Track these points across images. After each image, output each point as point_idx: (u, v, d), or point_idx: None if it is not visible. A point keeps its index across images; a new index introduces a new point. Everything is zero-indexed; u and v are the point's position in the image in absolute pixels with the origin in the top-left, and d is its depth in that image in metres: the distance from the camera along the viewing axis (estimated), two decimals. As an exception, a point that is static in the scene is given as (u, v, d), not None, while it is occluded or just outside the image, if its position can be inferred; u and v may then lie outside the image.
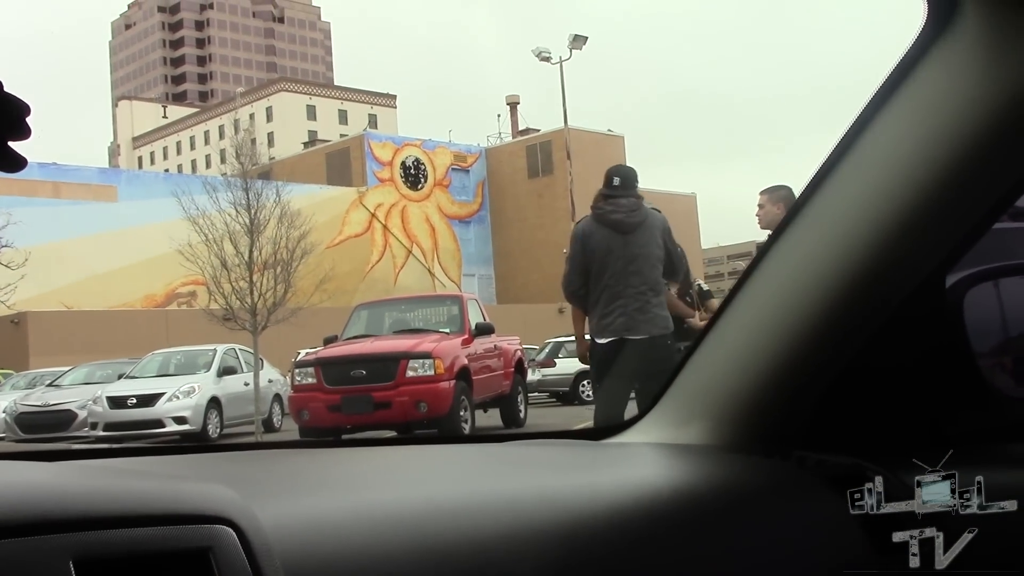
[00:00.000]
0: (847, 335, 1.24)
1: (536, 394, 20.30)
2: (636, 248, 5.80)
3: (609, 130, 56.29)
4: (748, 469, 1.27)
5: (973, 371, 1.36)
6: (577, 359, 6.33)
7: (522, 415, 15.34)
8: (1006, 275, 1.41)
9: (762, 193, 6.26)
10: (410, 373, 12.40)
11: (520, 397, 15.45)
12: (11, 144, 0.57)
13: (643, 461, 1.34)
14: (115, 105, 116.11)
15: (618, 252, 5.80)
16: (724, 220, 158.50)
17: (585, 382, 22.66)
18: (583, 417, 15.80)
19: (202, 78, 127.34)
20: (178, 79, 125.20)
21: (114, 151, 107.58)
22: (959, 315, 1.35)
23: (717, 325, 1.36)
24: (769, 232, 6.22)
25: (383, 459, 1.30)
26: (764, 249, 1.29)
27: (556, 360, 23.26)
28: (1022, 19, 0.98)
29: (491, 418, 14.78)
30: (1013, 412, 1.38)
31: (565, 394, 22.54)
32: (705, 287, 7.18)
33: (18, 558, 0.63)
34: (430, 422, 12.55)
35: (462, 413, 12.75)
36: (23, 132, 0.58)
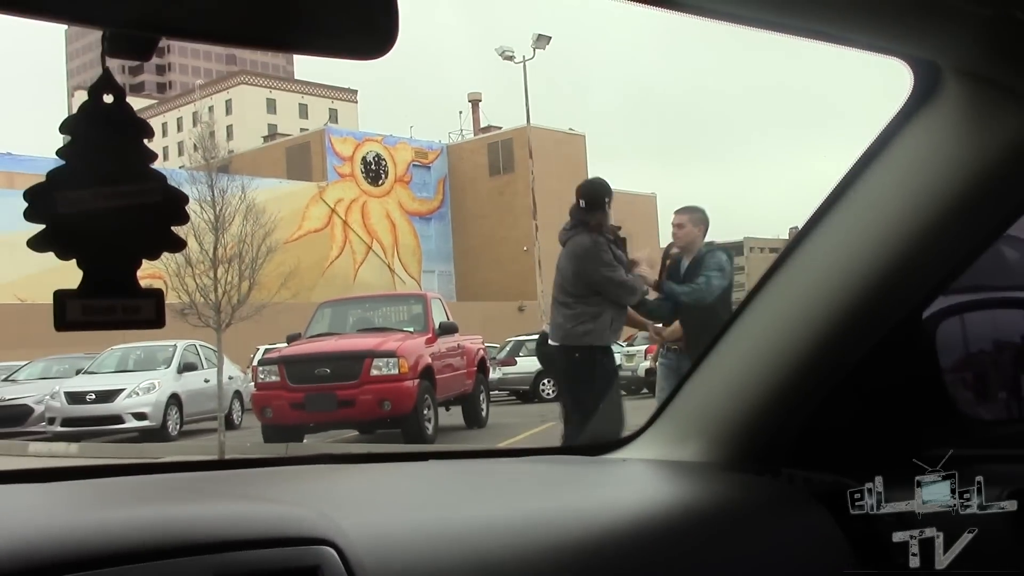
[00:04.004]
0: (833, 365, 1.37)
1: (497, 392, 20.40)
2: (561, 263, 6.29)
3: (571, 129, 56.42)
4: (742, 486, 1.39)
5: (943, 396, 1.49)
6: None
7: (484, 414, 15.46)
8: (974, 309, 1.54)
9: (680, 213, 6.46)
10: (374, 372, 12.49)
11: (482, 396, 15.58)
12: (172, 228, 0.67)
13: (644, 477, 1.46)
14: (71, 95, 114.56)
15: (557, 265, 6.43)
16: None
17: (545, 380, 22.82)
18: (544, 416, 15.94)
19: (160, 69, 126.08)
20: (135, 70, 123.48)
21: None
22: (932, 345, 1.48)
23: (713, 351, 1.48)
24: (684, 250, 6.41)
25: (406, 474, 1.41)
26: (757, 286, 1.42)
27: (517, 359, 23.38)
28: (997, 94, 1.10)
29: (453, 417, 14.86)
30: (978, 433, 1.52)
31: (525, 392, 22.66)
32: None
33: None
34: (393, 420, 12.67)
35: (425, 412, 12.86)
36: (182, 219, 0.68)
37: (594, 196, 6.25)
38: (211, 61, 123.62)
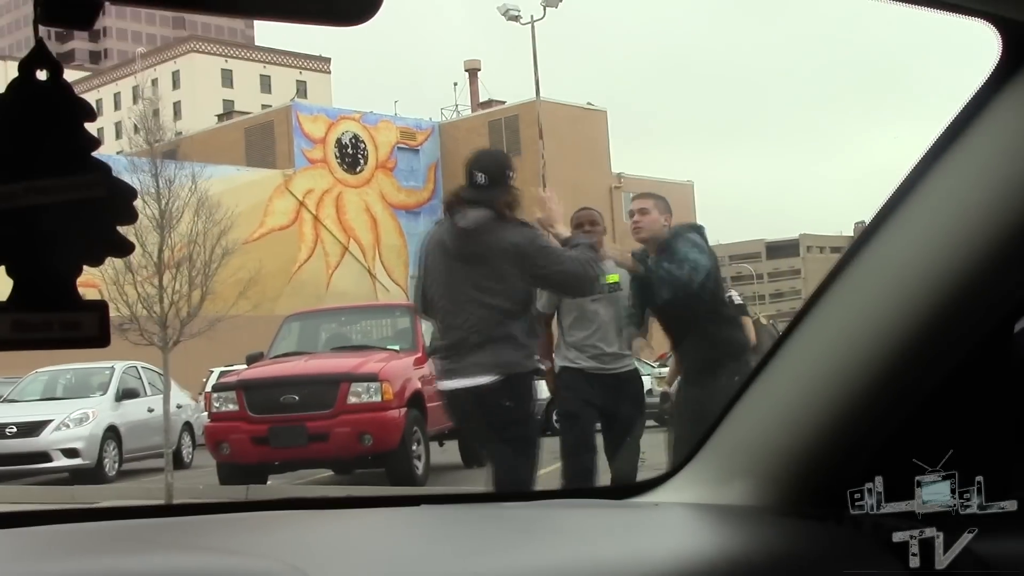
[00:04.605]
0: (907, 388, 1.37)
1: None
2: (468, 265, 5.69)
3: (589, 103, 56.53)
4: (798, 534, 1.40)
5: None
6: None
7: (485, 450, 15.41)
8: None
9: (643, 197, 6.42)
10: (352, 399, 12.49)
11: (483, 428, 15.54)
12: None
13: (682, 525, 1.46)
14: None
15: None
16: (726, 214, 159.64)
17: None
18: (558, 452, 15.91)
19: (93, 35, 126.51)
20: (64, 36, 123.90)
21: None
22: (1027, 365, 1.48)
23: (763, 374, 1.49)
24: (647, 243, 6.33)
25: (392, 521, 1.42)
26: (817, 293, 1.42)
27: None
28: None
29: (448, 453, 14.85)
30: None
31: (535, 423, 22.61)
32: (739, 300, 7.22)
33: None
34: (375, 458, 12.67)
35: (414, 448, 12.85)
36: (130, 217, 0.69)
37: (496, 168, 5.71)
38: (155, 25, 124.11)
